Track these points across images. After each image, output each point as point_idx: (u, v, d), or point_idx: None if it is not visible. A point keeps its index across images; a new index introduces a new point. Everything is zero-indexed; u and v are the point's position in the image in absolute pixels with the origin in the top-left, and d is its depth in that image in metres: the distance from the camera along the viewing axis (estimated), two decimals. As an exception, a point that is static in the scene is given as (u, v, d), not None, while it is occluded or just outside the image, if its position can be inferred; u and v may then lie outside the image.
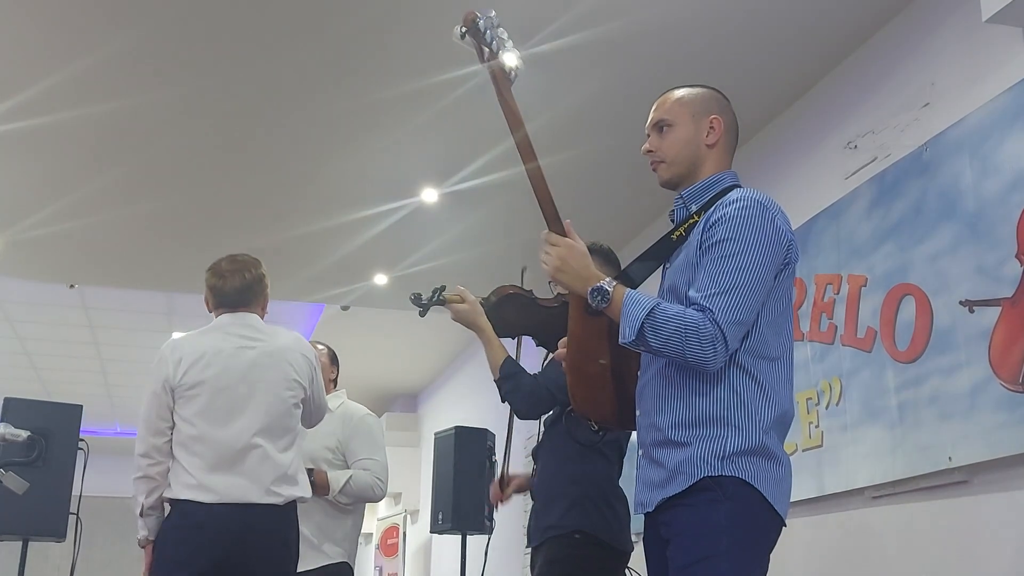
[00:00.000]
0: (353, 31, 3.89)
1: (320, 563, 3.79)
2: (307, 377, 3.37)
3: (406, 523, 10.19)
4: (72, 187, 5.25)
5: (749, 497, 1.93)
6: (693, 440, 1.98)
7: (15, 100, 4.35)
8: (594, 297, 2.02)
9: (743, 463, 1.95)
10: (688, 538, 1.94)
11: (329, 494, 3.80)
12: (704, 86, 2.24)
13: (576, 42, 3.81)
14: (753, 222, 2.00)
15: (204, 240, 5.95)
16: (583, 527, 2.87)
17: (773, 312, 2.03)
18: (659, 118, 2.21)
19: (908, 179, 3.47)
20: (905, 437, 3.32)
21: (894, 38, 3.73)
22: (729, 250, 1.97)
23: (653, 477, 2.04)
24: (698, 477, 1.94)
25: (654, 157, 2.21)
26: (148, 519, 3.18)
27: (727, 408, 1.98)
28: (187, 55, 4.09)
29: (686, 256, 2.08)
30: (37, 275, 6.65)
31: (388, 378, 10.00)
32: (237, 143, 4.82)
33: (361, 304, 7.01)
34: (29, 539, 4.78)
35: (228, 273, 3.39)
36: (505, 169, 4.91)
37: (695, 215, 2.12)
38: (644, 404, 2.12)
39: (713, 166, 2.18)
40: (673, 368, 2.03)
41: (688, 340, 1.90)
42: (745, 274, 1.95)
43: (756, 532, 1.96)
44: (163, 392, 3.19)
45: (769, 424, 2.00)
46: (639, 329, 1.94)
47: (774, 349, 2.03)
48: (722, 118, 2.19)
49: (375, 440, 4.04)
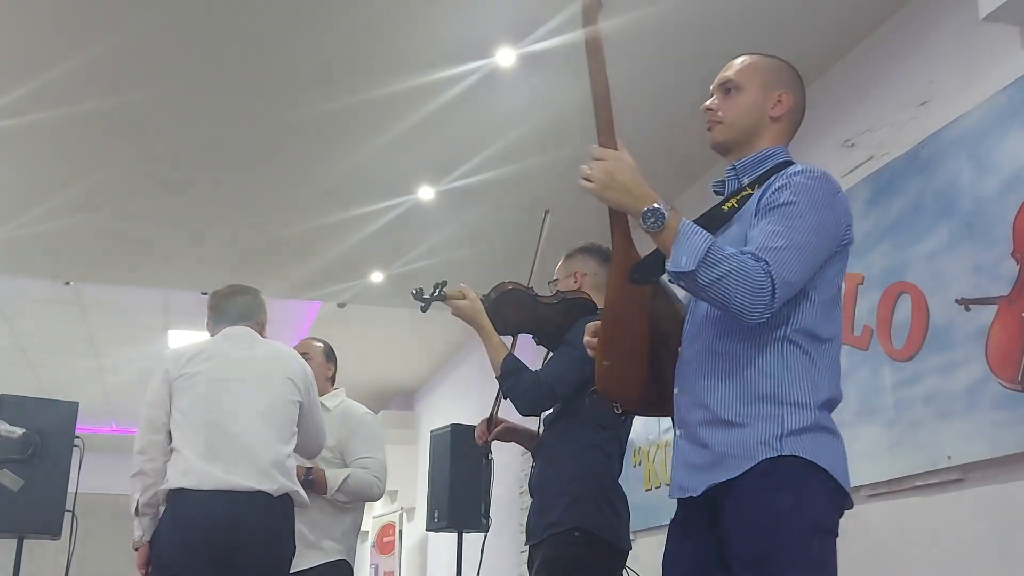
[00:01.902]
0: (350, 29, 3.88)
1: (319, 561, 3.79)
2: (303, 384, 3.43)
3: (402, 521, 10.19)
4: (68, 184, 5.24)
5: (812, 477, 1.84)
6: (748, 420, 1.87)
7: (10, 96, 4.34)
8: (647, 219, 1.85)
9: (804, 440, 1.85)
10: (749, 531, 1.82)
11: (327, 492, 3.80)
12: (780, 59, 2.15)
13: (573, 40, 3.81)
14: (820, 192, 1.92)
15: (200, 238, 5.95)
16: (584, 525, 2.84)
17: (826, 292, 1.94)
18: (728, 78, 2.11)
19: (905, 177, 3.47)
20: (902, 436, 3.32)
21: (892, 36, 3.73)
22: (792, 211, 1.87)
23: (697, 460, 1.93)
24: (757, 460, 1.83)
25: (713, 116, 2.10)
26: (143, 518, 3.20)
27: (782, 384, 1.88)
28: (183, 53, 4.08)
29: (741, 228, 1.97)
30: (33, 272, 6.65)
31: (384, 376, 9.99)
32: (233, 141, 4.81)
33: (357, 302, 7.00)
34: (24, 537, 4.77)
35: (227, 296, 3.57)
36: (502, 167, 4.91)
37: (747, 188, 2.02)
38: (686, 381, 1.99)
39: (771, 140, 2.08)
40: (722, 341, 1.92)
41: (740, 285, 1.78)
42: (805, 236, 1.85)
43: (823, 515, 1.85)
44: (163, 386, 3.26)
45: (823, 402, 1.91)
46: (701, 259, 1.78)
47: (825, 330, 1.94)
48: (792, 95, 2.09)
49: (374, 439, 4.04)
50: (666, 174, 4.82)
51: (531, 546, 3.02)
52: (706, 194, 4.89)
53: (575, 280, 3.14)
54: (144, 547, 3.22)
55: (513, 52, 3.96)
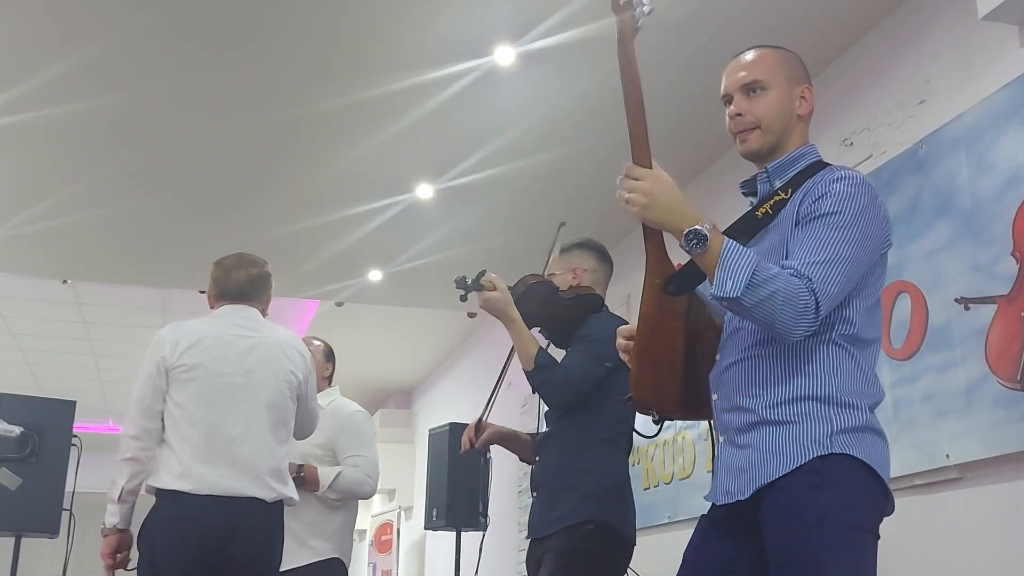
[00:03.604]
0: (348, 27, 3.88)
1: (309, 560, 3.78)
2: (303, 375, 3.36)
3: (400, 519, 10.19)
4: (65, 183, 5.23)
5: (859, 476, 1.82)
6: (797, 418, 1.85)
7: (7, 95, 4.33)
8: (689, 240, 1.81)
9: (855, 439, 1.83)
10: (794, 528, 1.80)
11: (319, 490, 3.80)
12: (789, 50, 2.08)
13: (572, 38, 3.81)
14: (862, 201, 1.88)
15: (198, 236, 5.94)
16: (597, 518, 2.83)
17: (869, 298, 1.93)
18: (752, 79, 2.02)
19: (903, 176, 3.47)
20: (900, 434, 3.31)
21: (889, 35, 3.73)
22: (835, 222, 1.84)
23: (741, 463, 1.90)
24: (806, 459, 1.81)
25: (744, 123, 2.02)
26: (124, 505, 3.10)
27: (831, 386, 1.86)
28: (181, 51, 4.07)
29: (777, 236, 1.95)
30: (30, 271, 6.64)
31: (382, 375, 9.99)
32: (231, 139, 4.81)
33: (356, 300, 7.00)
34: (22, 535, 4.77)
35: (233, 267, 3.39)
36: (501, 165, 4.91)
37: (780, 192, 1.98)
38: (725, 388, 1.97)
39: (799, 139, 2.03)
40: (764, 347, 1.90)
41: (785, 306, 1.77)
42: (849, 248, 1.83)
43: (868, 515, 1.84)
44: (158, 374, 3.14)
45: (872, 404, 1.90)
46: (747, 283, 1.76)
47: (868, 332, 1.93)
48: (811, 89, 2.05)
49: (364, 437, 4.03)
50: (672, 165, 4.81)
51: (534, 541, 3.00)
52: (712, 185, 4.91)
53: (574, 276, 3.12)
54: (115, 535, 3.11)
55: (512, 50, 3.96)
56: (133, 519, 3.19)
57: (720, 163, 4.79)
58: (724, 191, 4.52)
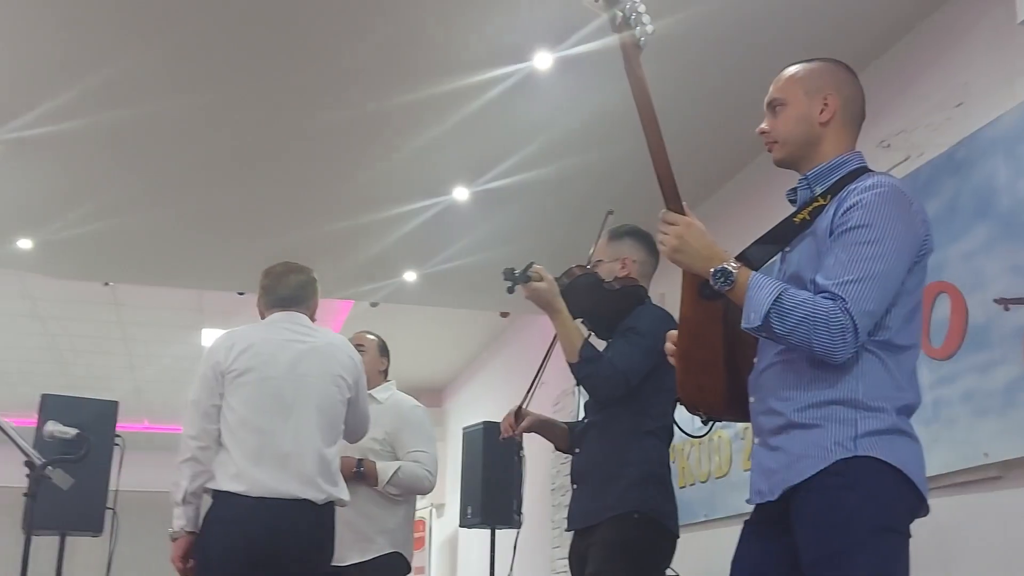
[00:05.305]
0: (388, 32, 3.92)
1: (372, 554, 3.83)
2: (353, 378, 3.40)
3: (432, 517, 10.25)
4: (106, 188, 5.31)
5: (884, 478, 1.85)
6: (822, 421, 1.89)
7: (49, 104, 4.40)
8: (717, 279, 1.92)
9: (879, 442, 1.86)
10: (820, 529, 1.84)
11: (378, 484, 3.83)
12: (824, 59, 2.14)
13: (609, 44, 3.83)
14: (892, 210, 1.90)
15: (236, 238, 6.01)
16: (643, 509, 2.82)
17: (906, 305, 1.94)
18: (772, 97, 2.12)
19: (942, 178, 3.49)
20: (940, 434, 3.34)
21: (927, 38, 3.75)
22: (865, 237, 1.87)
23: (772, 464, 1.96)
24: (830, 461, 1.86)
25: (767, 138, 2.12)
26: (188, 507, 3.14)
27: (856, 391, 1.89)
28: (221, 57, 4.13)
29: (814, 243, 1.99)
30: (71, 274, 6.72)
31: (413, 373, 10.01)
32: (268, 143, 4.86)
33: (391, 301, 7.04)
34: (67, 534, 4.84)
35: (282, 274, 3.47)
36: (537, 168, 4.95)
37: (820, 198, 2.02)
38: (761, 391, 2.03)
39: (834, 145, 2.07)
40: (795, 353, 1.92)
41: (817, 329, 1.81)
42: (881, 263, 1.86)
43: (895, 516, 1.86)
44: (213, 376, 3.21)
45: (901, 407, 1.93)
46: (765, 315, 1.84)
47: (903, 339, 1.94)
48: (837, 95, 2.08)
49: (425, 432, 4.07)
50: (703, 170, 4.85)
51: (576, 534, 2.99)
52: (744, 190, 4.92)
53: (623, 266, 3.09)
54: (184, 538, 3.16)
55: (550, 56, 3.99)
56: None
57: (753, 165, 4.80)
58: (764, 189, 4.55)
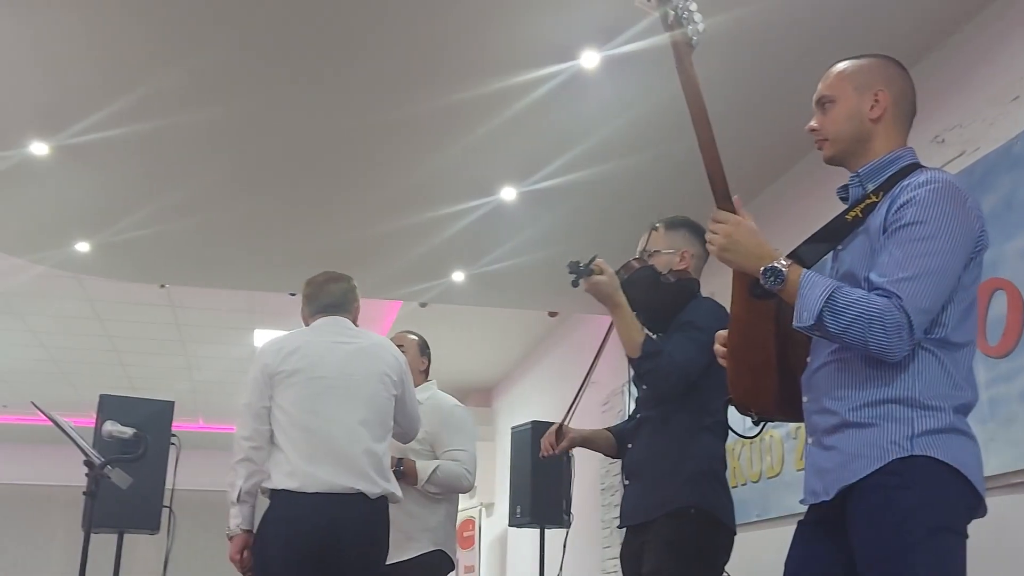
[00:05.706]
0: (436, 33, 3.95)
1: (416, 552, 3.86)
2: (398, 375, 3.49)
3: (481, 516, 10.29)
4: (160, 192, 5.39)
5: (941, 477, 1.83)
6: (878, 420, 1.87)
7: (110, 108, 4.48)
8: (767, 278, 1.91)
9: (936, 441, 1.84)
10: (876, 528, 1.83)
11: (418, 483, 3.86)
12: (873, 55, 2.12)
13: (656, 43, 3.83)
14: (946, 206, 1.88)
15: (288, 240, 6.08)
16: (701, 504, 2.79)
17: (962, 301, 1.92)
18: (821, 94, 2.10)
19: (998, 173, 3.44)
20: (997, 433, 3.29)
21: (980, 32, 3.70)
22: (919, 233, 1.86)
23: (826, 464, 1.94)
24: (886, 460, 1.84)
25: (817, 136, 2.10)
26: (243, 506, 3.22)
27: (913, 389, 1.87)
28: (276, 61, 4.18)
29: (867, 241, 1.97)
30: (128, 276, 6.84)
31: (462, 373, 10.08)
32: (318, 144, 4.91)
33: (439, 301, 7.08)
34: (125, 532, 4.93)
35: (324, 282, 3.61)
36: (584, 169, 4.95)
37: (872, 195, 2.00)
38: (815, 390, 2.01)
39: (885, 142, 2.05)
40: (850, 352, 1.91)
41: (872, 327, 1.80)
42: (936, 260, 1.84)
43: (951, 515, 1.84)
44: (263, 379, 3.32)
45: (958, 406, 1.90)
46: (819, 313, 1.83)
47: (960, 336, 1.92)
48: (888, 90, 2.05)
49: (465, 431, 4.10)
50: (752, 168, 4.83)
51: (630, 531, 2.97)
52: (793, 188, 4.89)
53: (681, 258, 3.05)
54: (241, 536, 3.25)
55: (597, 55, 3.99)
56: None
57: (802, 165, 4.77)
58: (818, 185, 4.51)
